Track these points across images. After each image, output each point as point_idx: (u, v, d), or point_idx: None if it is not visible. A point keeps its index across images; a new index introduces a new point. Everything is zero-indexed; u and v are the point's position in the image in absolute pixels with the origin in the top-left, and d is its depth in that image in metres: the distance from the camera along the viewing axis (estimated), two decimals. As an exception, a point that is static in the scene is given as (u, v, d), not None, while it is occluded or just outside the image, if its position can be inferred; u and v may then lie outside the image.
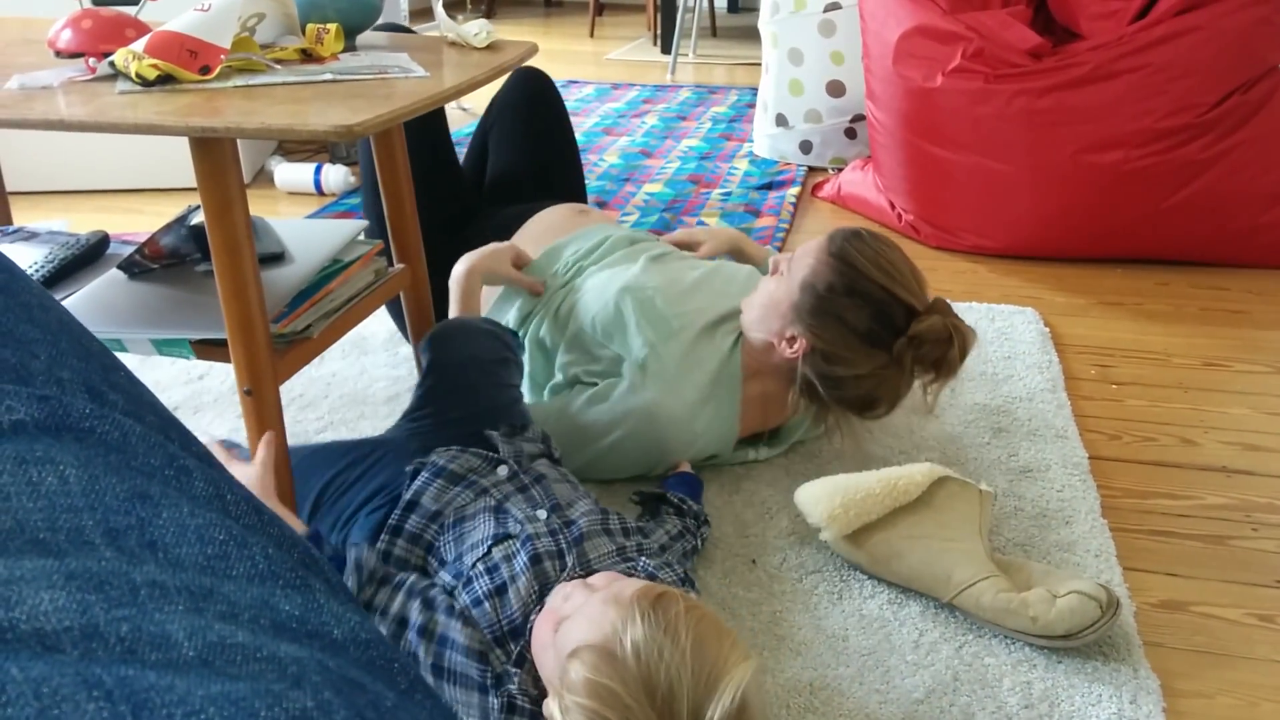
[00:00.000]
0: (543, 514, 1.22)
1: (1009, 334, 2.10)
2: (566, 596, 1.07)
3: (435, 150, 1.90)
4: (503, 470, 1.29)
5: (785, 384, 1.56)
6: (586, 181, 3.18)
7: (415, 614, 1.10)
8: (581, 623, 0.99)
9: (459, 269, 1.60)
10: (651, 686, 0.90)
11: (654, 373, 1.54)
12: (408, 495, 1.25)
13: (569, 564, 1.15)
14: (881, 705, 1.18)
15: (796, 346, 1.50)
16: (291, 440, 1.36)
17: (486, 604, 1.10)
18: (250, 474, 1.24)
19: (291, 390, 1.87)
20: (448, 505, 1.24)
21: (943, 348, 1.45)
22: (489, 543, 1.16)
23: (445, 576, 1.16)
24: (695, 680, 0.91)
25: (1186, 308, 2.30)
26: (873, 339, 1.45)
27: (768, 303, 1.55)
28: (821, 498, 1.39)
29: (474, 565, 1.14)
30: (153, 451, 0.42)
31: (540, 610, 1.09)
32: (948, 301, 1.49)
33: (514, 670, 1.06)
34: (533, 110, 2.08)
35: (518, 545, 1.16)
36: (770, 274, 1.59)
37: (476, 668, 1.06)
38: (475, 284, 1.61)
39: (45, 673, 0.29)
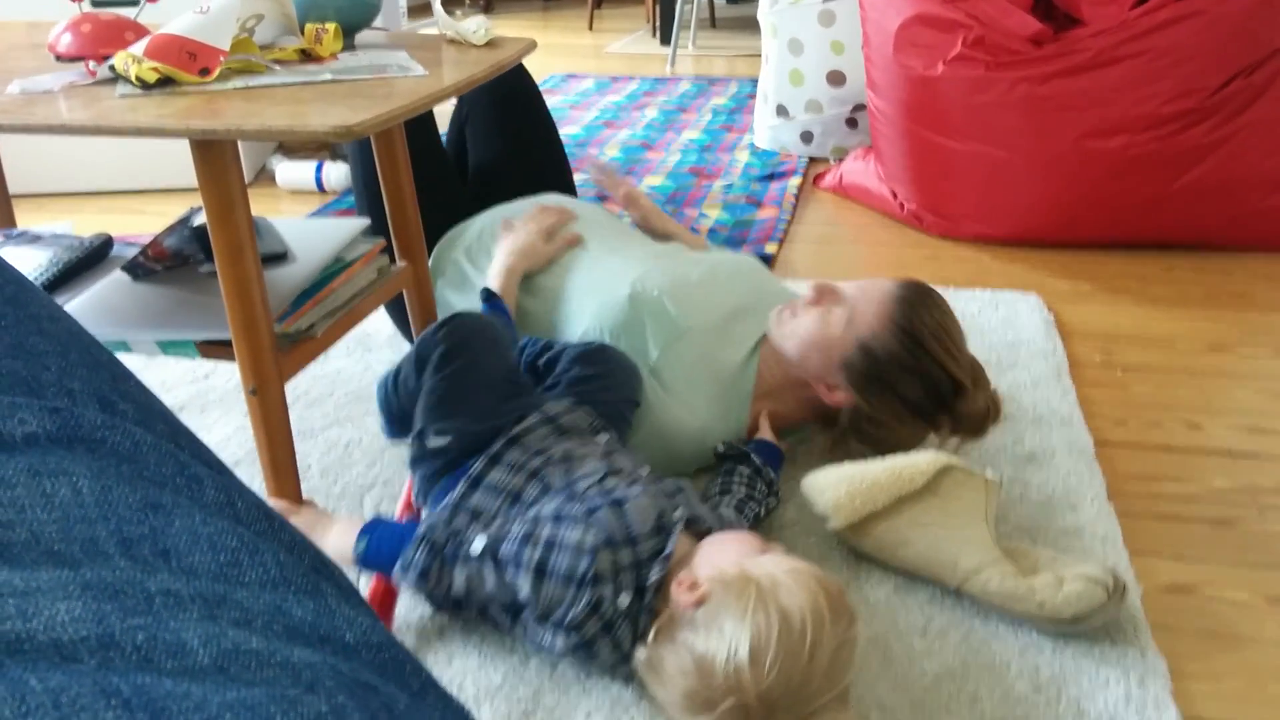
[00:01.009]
0: (645, 470, 1.30)
1: (1013, 321, 2.10)
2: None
3: (425, 151, 1.89)
4: (602, 437, 1.36)
5: (799, 409, 1.58)
6: (587, 176, 3.18)
7: (518, 527, 1.18)
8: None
9: (498, 278, 1.65)
10: (834, 661, 1.02)
11: (666, 381, 1.54)
12: (515, 430, 1.31)
13: (679, 506, 1.23)
14: (889, 692, 1.18)
15: (838, 398, 1.51)
16: (297, 437, 1.36)
17: (603, 512, 1.16)
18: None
19: (296, 388, 1.88)
20: (555, 446, 1.30)
21: (979, 422, 1.49)
22: (603, 473, 1.25)
23: (555, 500, 1.22)
24: (839, 684, 1.03)
25: (1191, 292, 2.30)
26: (919, 411, 1.48)
27: (813, 341, 1.52)
28: (827, 487, 1.39)
29: (588, 488, 1.22)
30: (164, 460, 0.42)
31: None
32: (981, 366, 1.53)
33: (654, 564, 1.14)
34: (507, 99, 2.07)
35: (627, 481, 1.24)
36: (811, 303, 1.55)
37: (585, 561, 1.12)
38: (515, 284, 1.68)
39: (63, 683, 0.30)
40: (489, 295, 1.60)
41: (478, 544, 1.17)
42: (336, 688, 0.34)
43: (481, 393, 1.35)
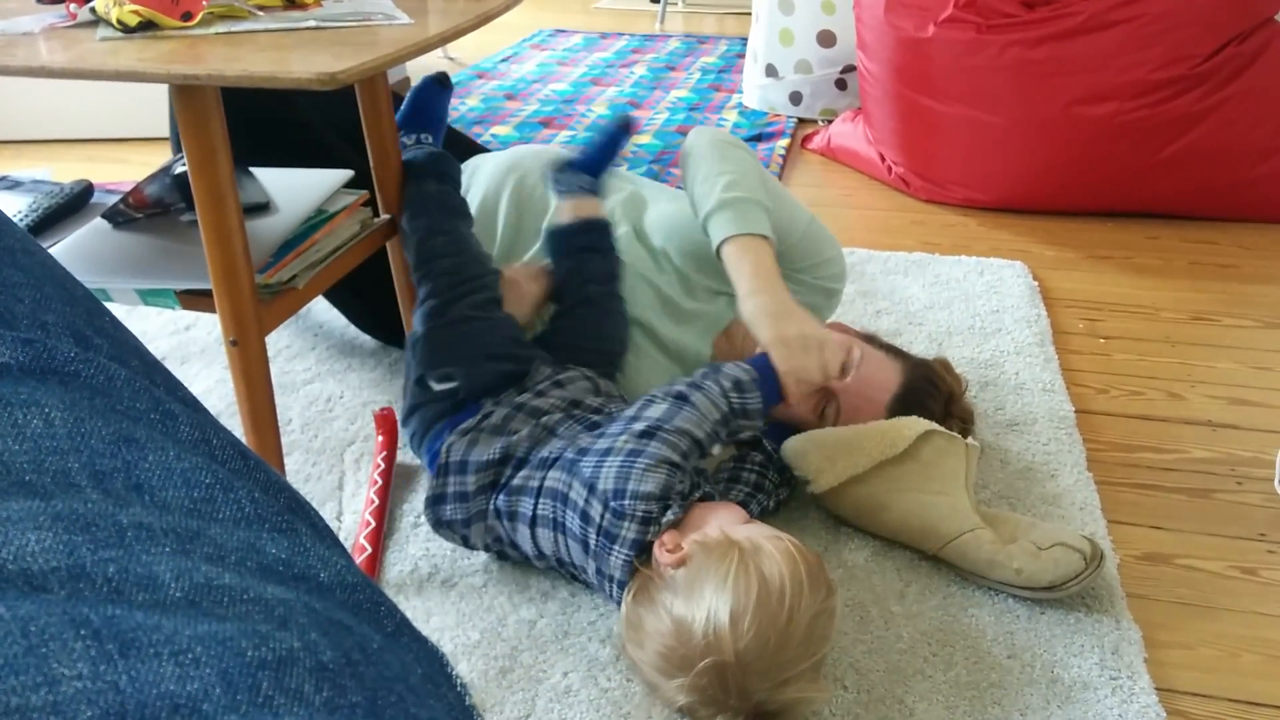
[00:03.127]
0: None
1: (997, 288, 2.10)
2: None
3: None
4: (604, 389, 1.40)
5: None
6: (575, 133, 3.17)
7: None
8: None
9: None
10: (811, 629, 1.03)
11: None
12: (538, 382, 1.36)
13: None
14: (866, 655, 1.19)
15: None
16: (278, 391, 1.36)
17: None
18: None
19: (278, 341, 1.87)
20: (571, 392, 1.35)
21: None
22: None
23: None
24: (815, 653, 1.05)
25: (1176, 262, 2.30)
26: None
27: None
28: (809, 451, 1.39)
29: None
30: (138, 396, 0.42)
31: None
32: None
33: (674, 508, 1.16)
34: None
35: None
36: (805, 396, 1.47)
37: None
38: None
39: (33, 612, 0.29)
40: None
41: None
42: (309, 625, 0.33)
43: (479, 343, 1.37)
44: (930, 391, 1.46)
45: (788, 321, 1.31)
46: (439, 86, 1.67)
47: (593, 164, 1.59)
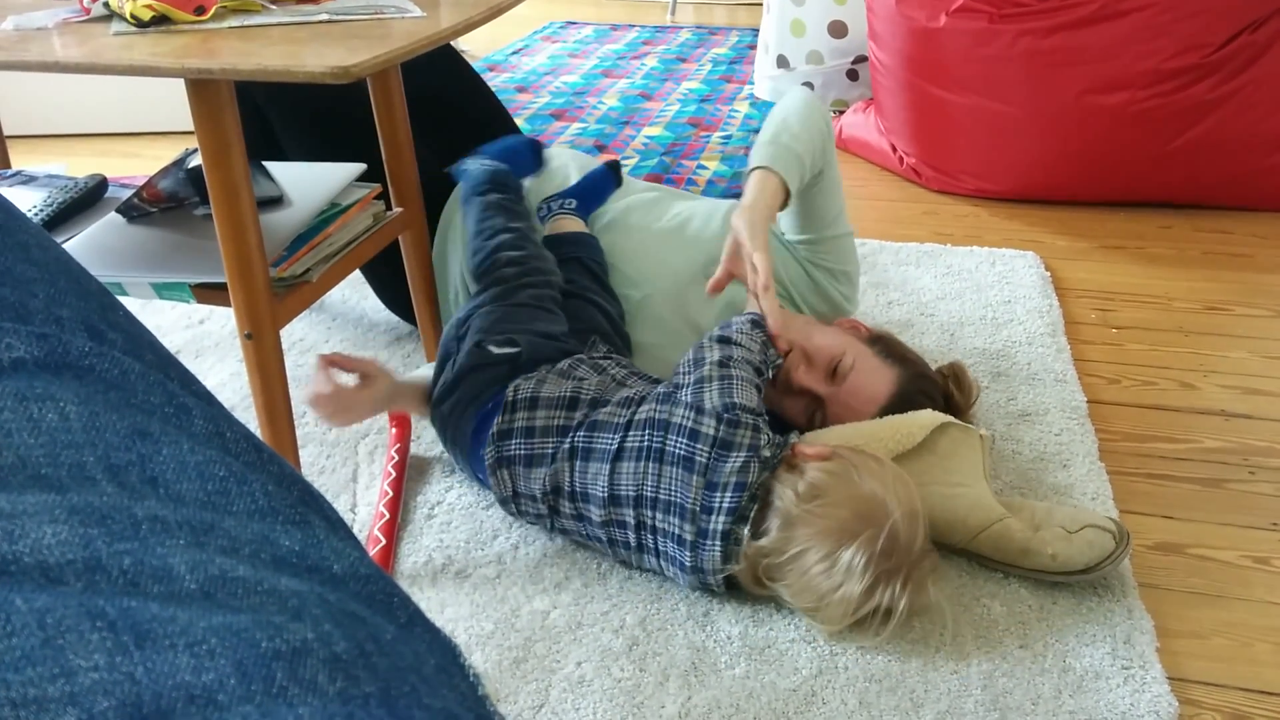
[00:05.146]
0: None
1: (1009, 278, 2.10)
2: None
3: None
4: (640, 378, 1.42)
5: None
6: (586, 125, 3.17)
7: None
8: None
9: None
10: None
11: (641, 344, 1.56)
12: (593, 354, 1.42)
13: None
14: (876, 648, 1.19)
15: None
16: (292, 384, 1.36)
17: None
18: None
19: (292, 334, 1.87)
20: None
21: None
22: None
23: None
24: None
25: (1189, 251, 2.29)
26: None
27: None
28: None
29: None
30: (152, 389, 0.42)
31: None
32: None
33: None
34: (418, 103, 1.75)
35: None
36: (840, 325, 1.55)
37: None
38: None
39: (49, 604, 0.30)
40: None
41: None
42: (323, 616, 0.34)
43: (541, 323, 1.41)
44: (923, 405, 1.43)
45: (755, 229, 1.46)
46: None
47: (579, 199, 1.68)
